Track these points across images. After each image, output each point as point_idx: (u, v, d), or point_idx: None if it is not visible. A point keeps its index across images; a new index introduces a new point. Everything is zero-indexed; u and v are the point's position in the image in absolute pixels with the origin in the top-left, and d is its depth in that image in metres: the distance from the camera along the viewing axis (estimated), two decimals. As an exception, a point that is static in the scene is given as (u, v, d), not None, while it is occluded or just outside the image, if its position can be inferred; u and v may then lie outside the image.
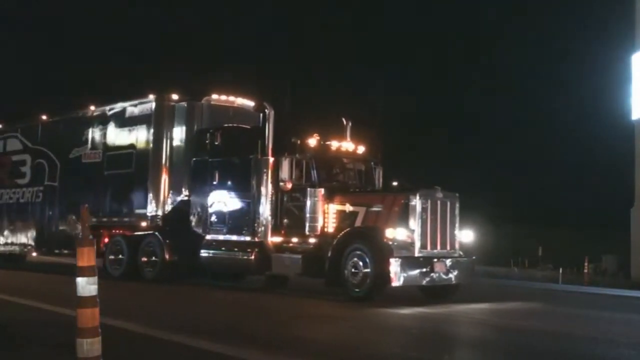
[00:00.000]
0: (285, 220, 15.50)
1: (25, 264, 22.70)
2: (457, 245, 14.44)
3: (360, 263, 13.70)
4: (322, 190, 14.82)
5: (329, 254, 14.24)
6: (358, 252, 13.79)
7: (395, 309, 12.70)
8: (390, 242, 13.66)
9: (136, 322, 10.22)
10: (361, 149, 16.35)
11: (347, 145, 16.20)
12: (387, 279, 13.38)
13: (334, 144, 16.01)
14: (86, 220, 6.99)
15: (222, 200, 16.43)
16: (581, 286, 22.01)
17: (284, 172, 15.14)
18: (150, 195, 17.53)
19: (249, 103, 17.87)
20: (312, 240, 14.95)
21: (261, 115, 18.14)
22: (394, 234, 13.68)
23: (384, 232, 13.74)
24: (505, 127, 39.39)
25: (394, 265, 13.33)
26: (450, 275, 14.13)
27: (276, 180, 15.44)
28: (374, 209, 14.41)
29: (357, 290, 13.73)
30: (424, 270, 13.73)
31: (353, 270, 13.81)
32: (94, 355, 6.17)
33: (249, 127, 16.72)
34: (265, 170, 15.51)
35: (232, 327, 10.37)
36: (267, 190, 15.53)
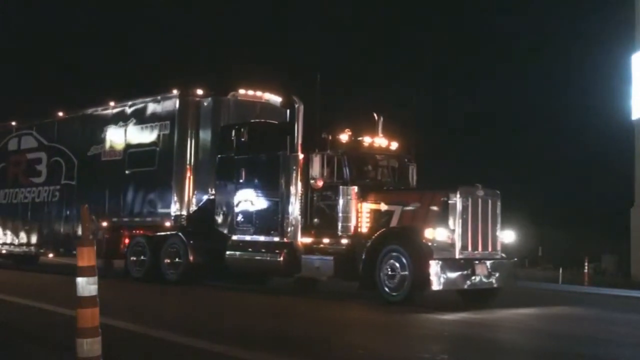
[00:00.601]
0: (316, 220, 14.77)
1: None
2: (498, 247, 13.67)
3: (398, 265, 12.95)
4: (355, 188, 14.08)
5: (363, 256, 13.50)
6: (395, 254, 13.04)
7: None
8: (430, 243, 12.90)
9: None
10: (394, 145, 15.58)
11: (380, 141, 15.44)
12: (427, 282, 12.62)
13: (366, 140, 15.26)
14: (86, 220, 6.90)
15: (249, 199, 15.71)
16: (581, 286, 21.58)
17: (315, 170, 14.38)
18: (175, 194, 16.82)
19: (276, 98, 17.11)
20: (344, 241, 14.21)
21: (288, 111, 17.56)
22: (434, 234, 12.92)
23: (422, 232, 12.98)
24: (505, 127, 38.84)
25: (434, 268, 12.57)
26: (492, 279, 13.36)
27: (306, 177, 14.71)
28: (411, 207, 13.66)
29: (393, 294, 12.98)
30: (465, 273, 12.97)
31: (389, 272, 13.06)
32: (94, 355, 6.16)
33: (276, 122, 16.00)
34: (294, 167, 14.78)
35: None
36: (296, 189, 14.80)
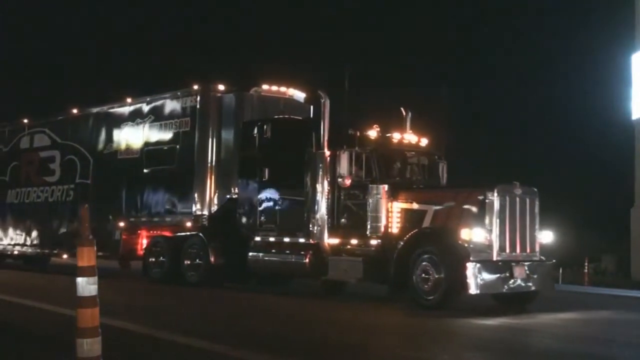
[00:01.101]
0: (343, 220, 14.15)
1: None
2: (537, 248, 13.02)
3: (432, 268, 12.33)
4: (385, 187, 13.45)
5: (395, 258, 12.88)
6: (429, 256, 12.41)
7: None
8: (466, 244, 12.26)
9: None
10: (424, 142, 14.96)
11: (410, 137, 14.81)
12: (463, 285, 11.99)
13: (395, 136, 14.63)
14: (86, 220, 6.89)
15: (273, 199, 15.13)
16: (581, 286, 21.21)
17: (343, 167, 13.76)
18: (195, 194, 16.24)
19: (300, 94, 16.52)
20: (373, 242, 13.59)
21: (312, 107, 16.97)
22: (470, 235, 12.27)
23: (458, 233, 12.34)
24: (505, 126, 38.30)
25: (472, 270, 11.93)
26: (530, 282, 12.71)
27: (333, 176, 14.10)
28: (445, 207, 13.02)
29: (427, 298, 12.35)
30: (503, 275, 12.33)
31: (423, 275, 12.43)
32: (94, 355, 6.15)
33: (301, 118, 15.41)
34: (321, 165, 14.15)
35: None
36: (322, 187, 14.18)
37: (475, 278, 11.93)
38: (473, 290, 11.96)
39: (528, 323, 11.17)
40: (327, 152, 14.13)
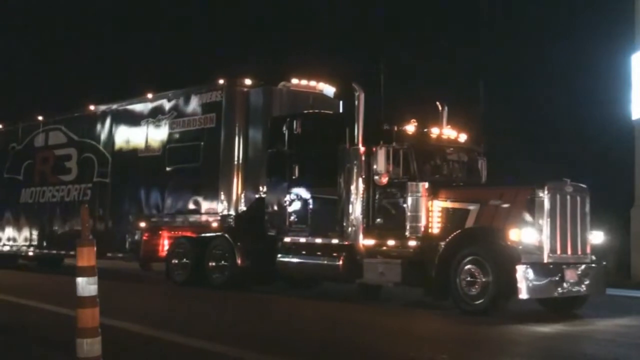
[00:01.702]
0: (379, 220, 13.40)
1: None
2: (588, 249, 12.26)
3: (478, 271, 11.58)
4: (425, 185, 12.72)
5: (437, 260, 12.14)
6: (475, 258, 11.66)
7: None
8: (515, 246, 11.51)
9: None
10: (462, 137, 14.21)
11: (448, 132, 14.06)
12: (513, 290, 11.24)
13: (434, 132, 13.89)
14: (86, 220, 6.82)
15: (303, 198, 14.39)
16: None
17: (380, 164, 12.99)
18: (221, 193, 15.52)
19: (330, 89, 15.86)
20: (412, 243, 12.85)
21: (341, 102, 16.32)
22: (520, 235, 11.52)
23: (507, 233, 11.59)
24: (505, 126, 37.67)
25: (522, 273, 11.17)
26: (582, 285, 11.95)
27: (368, 173, 13.38)
28: (490, 206, 12.23)
29: (473, 303, 11.60)
30: (554, 279, 11.55)
31: (468, 279, 11.68)
32: (94, 355, 6.14)
33: (333, 113, 14.69)
34: (355, 162, 13.41)
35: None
36: (357, 185, 13.44)
37: (526, 282, 11.16)
38: (524, 294, 11.20)
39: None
40: (362, 148, 13.41)
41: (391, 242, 13.18)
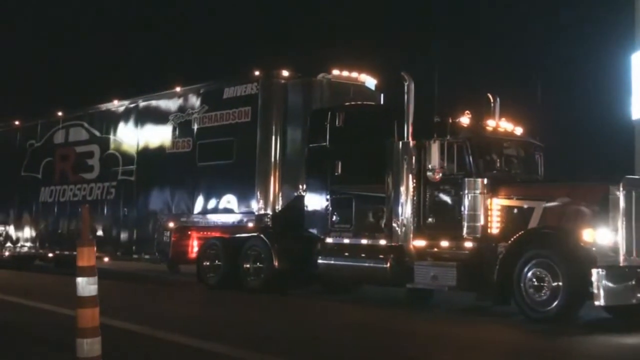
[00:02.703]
0: (431, 220, 12.44)
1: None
2: (664, 252, 11.25)
3: (547, 274, 10.61)
4: (484, 181, 11.76)
5: (499, 262, 11.18)
6: (543, 260, 10.70)
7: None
8: (589, 247, 10.53)
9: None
10: (518, 130, 13.25)
11: (505, 125, 13.09)
12: (587, 295, 10.28)
13: (490, 124, 12.93)
14: (87, 220, 6.83)
15: (347, 196, 13.44)
16: None
17: (434, 159, 12.04)
18: (257, 191, 14.60)
19: (372, 80, 14.93)
20: (468, 244, 11.89)
21: (382, 94, 15.42)
22: (594, 236, 10.54)
23: (579, 234, 10.62)
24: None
25: (598, 278, 10.19)
26: (658, 290, 10.95)
27: (419, 169, 12.43)
28: (557, 204, 11.24)
29: (542, 309, 10.63)
30: (631, 284, 10.53)
31: (535, 284, 10.72)
32: (94, 355, 6.17)
33: (379, 105, 13.76)
34: (405, 157, 12.46)
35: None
36: (407, 182, 12.50)
37: (602, 287, 10.17)
38: (600, 301, 10.19)
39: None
40: (413, 142, 12.46)
41: (444, 244, 12.24)
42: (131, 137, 17.96)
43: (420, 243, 12.51)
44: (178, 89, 16.78)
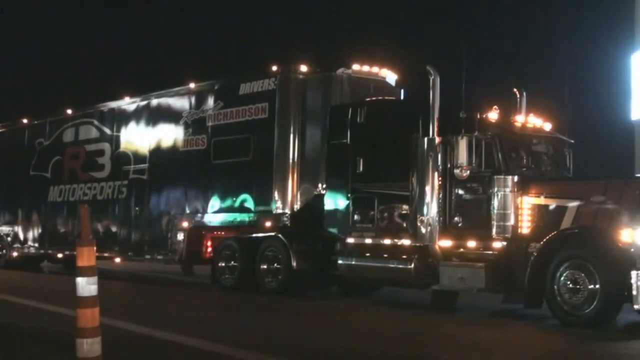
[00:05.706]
0: (458, 219, 11.98)
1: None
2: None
3: (582, 276, 10.14)
4: (514, 179, 11.29)
5: (531, 263, 10.71)
6: (578, 261, 10.23)
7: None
8: (628, 248, 10.05)
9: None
10: (547, 126, 12.77)
11: (534, 121, 12.62)
12: (625, 298, 9.81)
13: (519, 120, 12.46)
14: (86, 219, 6.73)
15: (369, 194, 12.98)
16: None
17: (462, 156, 11.56)
18: (275, 189, 14.15)
19: (393, 75, 14.47)
20: (497, 244, 11.43)
21: (402, 91, 15.01)
22: (633, 236, 10.06)
23: (616, 234, 10.14)
24: None
25: (638, 280, 9.71)
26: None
27: (445, 166, 11.97)
28: (592, 202, 10.77)
29: (578, 313, 10.16)
30: (671, 286, 10.08)
31: (570, 286, 10.25)
32: (94, 355, 6.17)
33: (401, 100, 13.31)
34: (431, 153, 12.01)
35: None
36: (432, 180, 12.04)
37: (642, 289, 9.71)
38: (639, 304, 9.73)
39: None
40: (439, 139, 12.00)
41: (472, 244, 11.77)
42: (143, 134, 17.53)
43: (446, 243, 12.04)
44: (192, 85, 16.34)
